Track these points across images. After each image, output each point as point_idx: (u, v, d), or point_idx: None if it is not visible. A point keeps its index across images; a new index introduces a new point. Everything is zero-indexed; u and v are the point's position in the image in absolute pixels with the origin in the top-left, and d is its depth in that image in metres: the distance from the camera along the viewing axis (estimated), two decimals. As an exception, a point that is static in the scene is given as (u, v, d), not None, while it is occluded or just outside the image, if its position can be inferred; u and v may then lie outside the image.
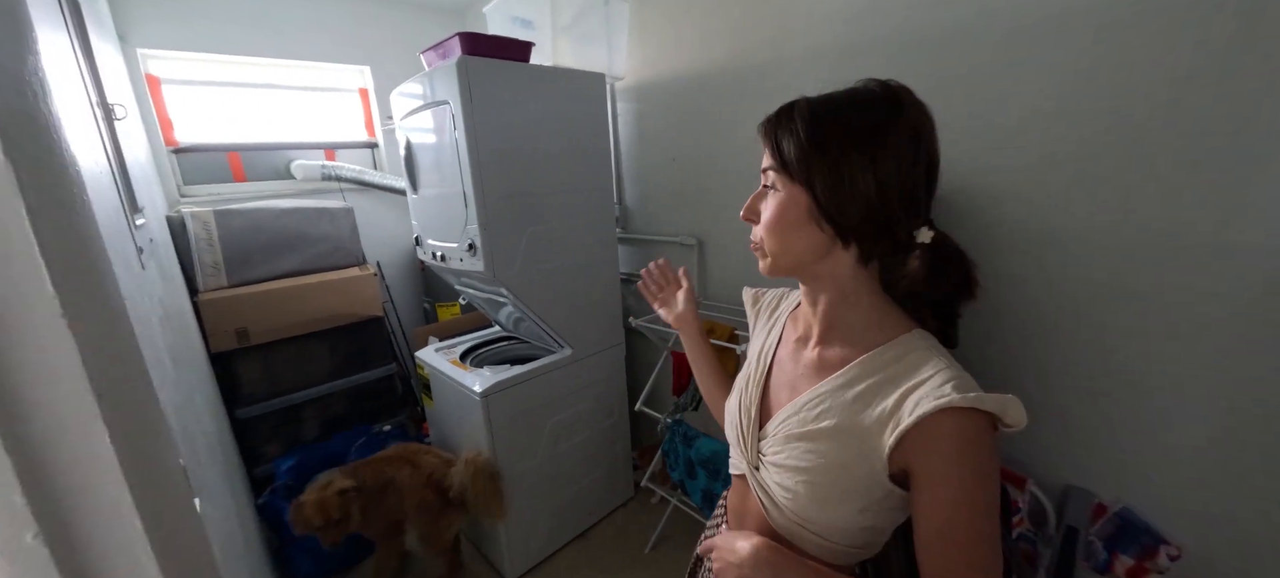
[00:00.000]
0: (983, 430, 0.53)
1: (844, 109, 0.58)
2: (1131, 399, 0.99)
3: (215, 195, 2.22)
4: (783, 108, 0.61)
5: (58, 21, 0.82)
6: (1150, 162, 0.90)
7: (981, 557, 0.52)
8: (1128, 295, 0.96)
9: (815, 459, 0.61)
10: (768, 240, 0.63)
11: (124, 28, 1.90)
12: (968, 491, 0.52)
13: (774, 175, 0.61)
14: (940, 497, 0.53)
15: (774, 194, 0.62)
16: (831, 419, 0.61)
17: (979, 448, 0.52)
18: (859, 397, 0.60)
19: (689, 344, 0.95)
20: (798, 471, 0.62)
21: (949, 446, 0.52)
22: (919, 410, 0.53)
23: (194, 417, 1.08)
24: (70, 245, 0.34)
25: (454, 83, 1.39)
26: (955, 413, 0.52)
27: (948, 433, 0.52)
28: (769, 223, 0.62)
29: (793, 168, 0.59)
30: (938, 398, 0.52)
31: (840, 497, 0.60)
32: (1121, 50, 0.91)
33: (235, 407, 1.92)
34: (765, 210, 0.63)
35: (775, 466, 0.65)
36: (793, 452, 0.63)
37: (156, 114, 2.04)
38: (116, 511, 0.35)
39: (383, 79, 2.51)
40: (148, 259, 1.04)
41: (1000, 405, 0.52)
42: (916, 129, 0.58)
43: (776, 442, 0.66)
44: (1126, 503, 1.03)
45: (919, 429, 0.53)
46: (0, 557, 0.30)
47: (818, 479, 0.61)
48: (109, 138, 0.97)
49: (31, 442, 0.31)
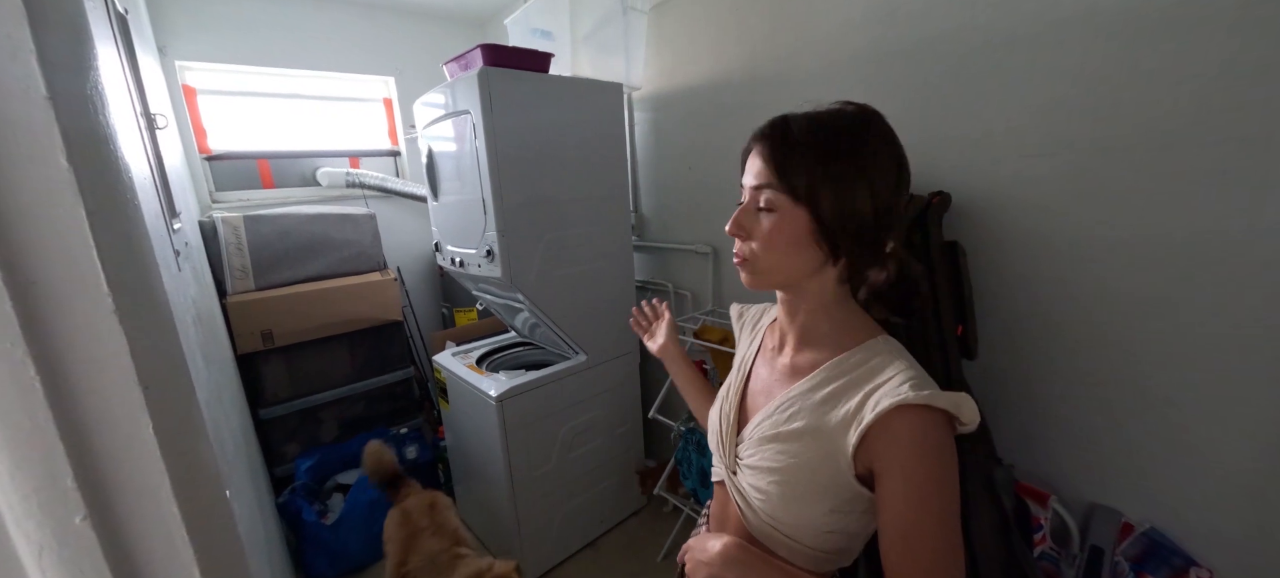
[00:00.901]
0: (939, 428, 0.55)
1: (841, 132, 0.59)
2: (1161, 415, 0.97)
3: (245, 201, 2.29)
4: (775, 126, 0.61)
5: (109, 37, 0.87)
6: (1176, 170, 0.89)
7: (940, 561, 0.54)
8: (1158, 308, 0.94)
9: (786, 460, 0.63)
10: (764, 258, 0.63)
11: (164, 41, 1.99)
12: (927, 483, 0.55)
13: (771, 194, 0.60)
14: (898, 490, 0.55)
15: (770, 214, 0.61)
16: (801, 421, 0.63)
17: (936, 444, 0.55)
18: (826, 399, 0.62)
19: (674, 370, 1.00)
20: (770, 471, 0.65)
21: (906, 441, 0.55)
22: (878, 408, 0.56)
23: (222, 414, 1.11)
24: (122, 247, 0.36)
25: (475, 93, 1.42)
26: (912, 410, 0.55)
27: (905, 429, 0.55)
28: (768, 241, 0.62)
29: (798, 189, 0.59)
30: (895, 396, 0.55)
31: (810, 496, 0.62)
32: (1147, 56, 0.89)
33: (258, 407, 1.97)
34: (761, 228, 0.62)
35: (750, 468, 0.68)
36: (766, 454, 0.66)
37: (192, 123, 2.12)
38: (156, 497, 0.37)
39: (406, 89, 2.58)
40: (183, 261, 1.08)
41: (954, 403, 0.55)
42: (897, 150, 0.61)
43: (752, 445, 0.68)
44: (1155, 523, 1.00)
45: (879, 426, 0.56)
46: (52, 536, 0.32)
47: (789, 478, 0.63)
48: (151, 146, 1.02)
49: (83, 428, 0.33)
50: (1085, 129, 0.97)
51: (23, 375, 0.30)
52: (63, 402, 0.32)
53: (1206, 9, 0.83)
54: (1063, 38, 0.98)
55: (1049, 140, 1.02)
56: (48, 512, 0.31)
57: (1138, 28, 0.89)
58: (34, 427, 0.30)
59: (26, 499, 0.31)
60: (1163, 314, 0.94)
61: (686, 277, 1.98)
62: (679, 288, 2.01)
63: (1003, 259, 1.11)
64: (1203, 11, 0.83)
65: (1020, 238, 1.08)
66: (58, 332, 0.31)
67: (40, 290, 0.30)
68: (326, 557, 1.79)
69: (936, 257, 1.07)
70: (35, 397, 0.30)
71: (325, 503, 1.98)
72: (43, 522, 0.31)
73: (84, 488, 0.33)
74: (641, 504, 2.12)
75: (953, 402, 0.55)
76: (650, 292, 2.12)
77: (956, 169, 1.16)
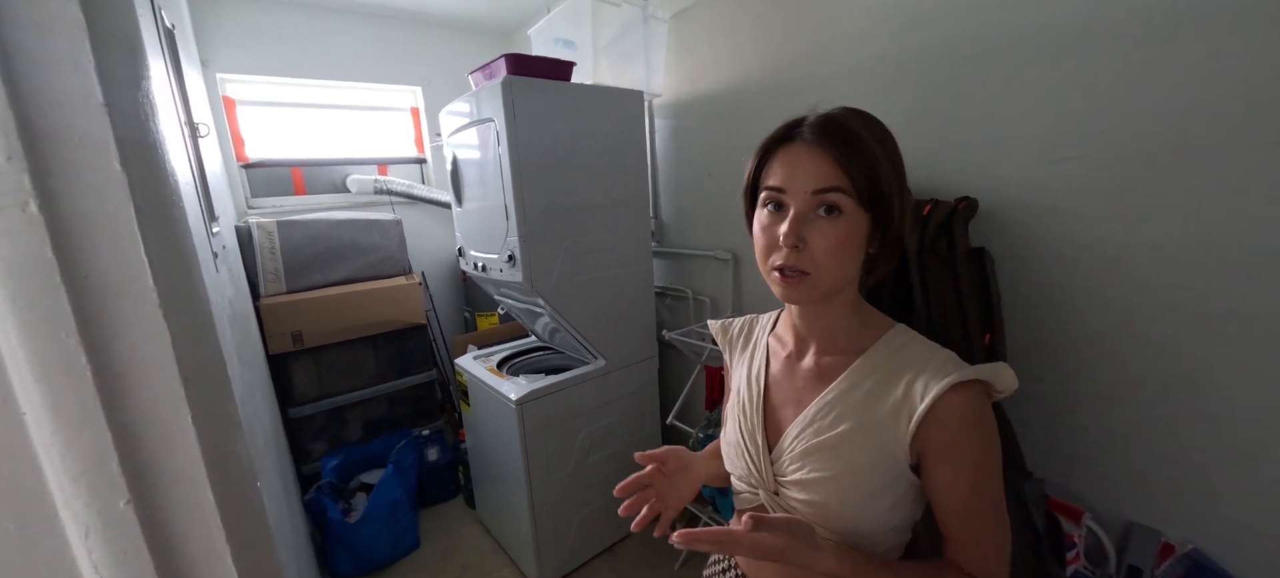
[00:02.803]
0: (983, 399, 0.59)
1: (886, 137, 0.61)
2: (1203, 429, 0.92)
3: (278, 207, 2.38)
4: (827, 121, 0.58)
5: (158, 51, 0.92)
6: (1215, 171, 0.85)
7: (1000, 519, 0.60)
8: (1201, 315, 0.90)
9: (839, 466, 0.62)
10: (830, 267, 0.58)
11: (206, 54, 2.09)
12: (982, 456, 0.58)
13: (840, 197, 0.56)
14: (961, 469, 0.58)
15: (834, 220, 0.57)
16: (847, 422, 0.62)
17: (982, 415, 0.58)
18: (869, 394, 0.62)
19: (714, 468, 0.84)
20: (822, 481, 0.62)
21: (961, 419, 0.57)
22: (931, 392, 0.57)
23: (254, 411, 1.15)
24: (168, 246, 0.38)
25: (499, 101, 1.45)
26: (962, 388, 0.57)
27: (959, 408, 0.57)
28: (837, 251, 0.57)
29: (870, 194, 0.56)
30: (945, 377, 0.57)
31: (869, 497, 0.61)
32: (1187, 52, 0.86)
33: (288, 406, 2.03)
34: (824, 237, 0.57)
35: (797, 483, 0.64)
36: (814, 464, 0.63)
37: (231, 133, 2.22)
38: (193, 485, 0.39)
39: (433, 98, 2.65)
40: (221, 263, 1.13)
41: (993, 373, 0.58)
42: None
43: (794, 458, 0.65)
44: (1197, 544, 0.95)
45: (934, 411, 0.57)
46: (98, 517, 0.34)
47: (846, 484, 0.61)
48: (193, 153, 1.07)
49: (127, 417, 0.35)
50: (1118, 130, 0.94)
51: (76, 364, 0.32)
52: (110, 391, 0.34)
53: (1243, 7, 0.80)
54: (1091, 37, 0.95)
55: (1080, 142, 0.99)
56: (95, 494, 0.33)
57: (1170, 26, 0.87)
58: (84, 413, 0.32)
59: (76, 481, 0.33)
60: (1208, 322, 0.90)
61: (706, 283, 1.98)
62: (698, 294, 2.00)
63: (1032, 265, 1.08)
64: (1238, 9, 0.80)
65: (1051, 243, 1.05)
66: (107, 324, 0.33)
67: (92, 285, 0.32)
68: (350, 555, 1.83)
69: (962, 263, 1.04)
70: (86, 385, 0.32)
71: (349, 502, 2.03)
72: (90, 503, 0.33)
73: (128, 473, 0.35)
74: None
75: (992, 372, 0.58)
76: (670, 297, 2.12)
77: (982, 174, 1.13)
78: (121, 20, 0.38)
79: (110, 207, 0.33)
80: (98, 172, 0.32)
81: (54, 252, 0.31)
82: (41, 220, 0.30)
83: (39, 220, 0.30)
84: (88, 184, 0.32)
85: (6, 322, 0.30)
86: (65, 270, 0.31)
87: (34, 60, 0.30)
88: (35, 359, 0.31)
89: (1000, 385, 0.59)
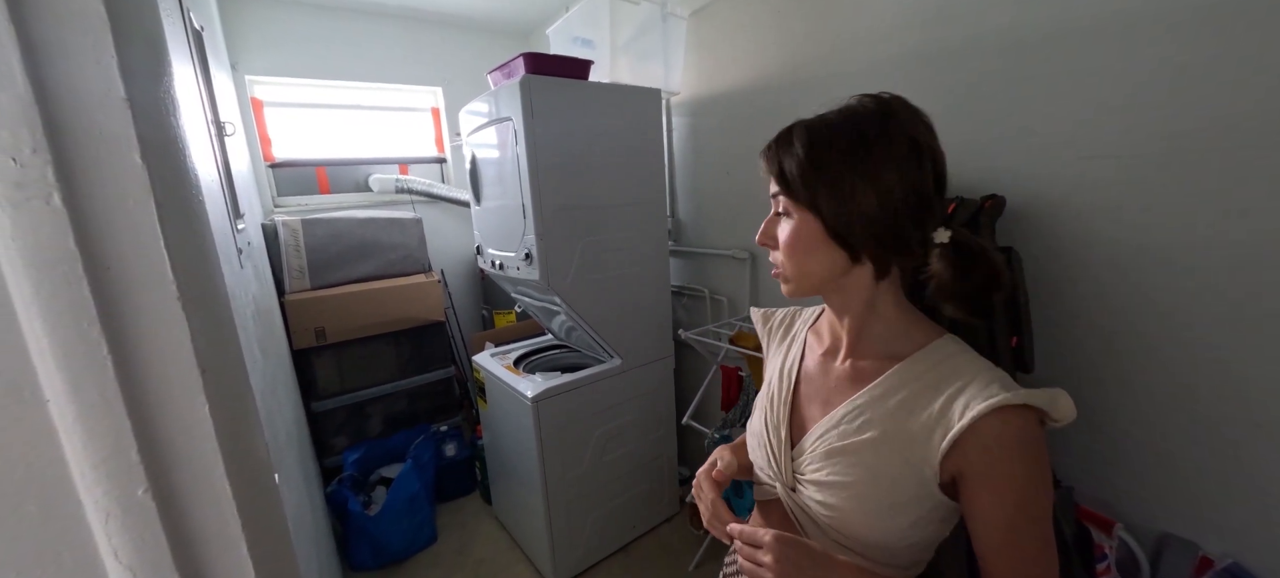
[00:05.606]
0: (1033, 426, 0.54)
1: (837, 128, 0.59)
2: (1246, 436, 0.88)
3: (303, 206, 2.44)
4: (782, 132, 0.62)
5: (186, 54, 0.95)
6: (1261, 169, 0.81)
7: (1047, 553, 0.54)
8: (1245, 318, 0.86)
9: (860, 472, 0.59)
10: (787, 265, 0.63)
11: (236, 57, 2.15)
12: (1026, 486, 0.53)
13: (784, 200, 0.62)
14: (1002, 498, 0.54)
15: (788, 220, 0.62)
16: (874, 430, 0.60)
17: (1031, 443, 0.53)
18: (902, 405, 0.59)
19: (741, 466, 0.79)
20: (841, 486, 0.60)
21: (1004, 443, 0.53)
22: (971, 412, 0.53)
23: (276, 405, 1.18)
24: (187, 240, 0.39)
25: (517, 100, 1.46)
26: (1008, 412, 0.52)
27: (1004, 433, 0.53)
28: (787, 248, 0.62)
29: (797, 192, 0.59)
30: (988, 398, 0.53)
31: (889, 510, 0.58)
32: (1236, 43, 0.82)
33: (311, 400, 2.08)
34: (781, 235, 0.63)
35: (815, 483, 0.63)
36: (834, 467, 0.61)
37: (258, 133, 2.28)
38: (210, 476, 0.39)
39: (453, 98, 2.68)
40: (246, 260, 1.16)
41: (1049, 400, 0.53)
42: (912, 136, 0.57)
43: (815, 458, 0.64)
44: (1236, 558, 0.90)
45: (974, 432, 0.53)
46: (117, 504, 0.35)
47: (865, 493, 0.59)
48: (220, 151, 1.10)
49: (146, 406, 0.36)
50: (1155, 127, 0.90)
51: (97, 354, 0.32)
52: (130, 380, 0.34)
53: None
54: (1128, 29, 0.91)
55: (1114, 140, 0.95)
56: (114, 481, 0.34)
57: (1210, 18, 0.82)
58: (104, 402, 0.33)
59: (97, 468, 0.33)
60: (1258, 324, 0.85)
61: (723, 282, 1.96)
62: (715, 293, 1.99)
63: (1062, 266, 1.04)
64: (1297, -4, 0.76)
65: (1083, 243, 1.01)
66: (127, 315, 0.34)
67: (113, 276, 0.33)
68: (370, 547, 1.86)
69: (988, 264, 1.01)
70: (107, 374, 0.33)
71: (370, 495, 2.07)
72: (110, 490, 0.34)
73: (146, 462, 0.35)
74: (674, 511, 2.10)
75: (1047, 399, 0.53)
76: (686, 296, 2.11)
77: (1011, 171, 1.09)
78: (144, 18, 0.39)
79: (131, 200, 0.33)
80: (119, 166, 0.33)
81: (77, 244, 0.31)
82: (65, 213, 0.31)
83: (62, 213, 0.31)
84: (109, 178, 0.33)
85: (31, 311, 0.31)
86: (87, 262, 0.32)
87: (58, 55, 0.31)
88: (58, 348, 0.32)
89: (1057, 415, 0.53)
